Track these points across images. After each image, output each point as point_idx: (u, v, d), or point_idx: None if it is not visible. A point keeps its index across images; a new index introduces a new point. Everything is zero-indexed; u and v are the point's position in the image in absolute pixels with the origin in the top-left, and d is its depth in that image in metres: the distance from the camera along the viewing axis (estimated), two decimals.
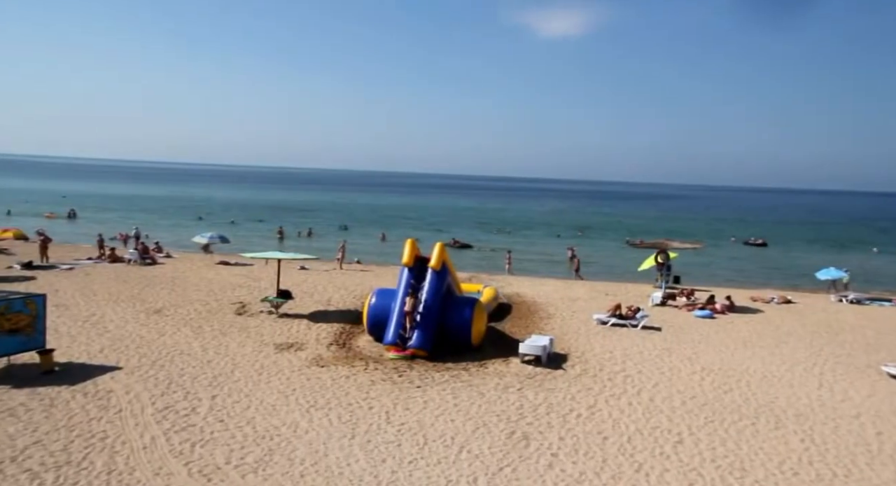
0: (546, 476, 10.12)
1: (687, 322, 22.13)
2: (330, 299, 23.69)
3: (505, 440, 11.45)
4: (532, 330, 19.69)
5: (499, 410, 12.89)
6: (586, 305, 24.52)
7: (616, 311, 21.37)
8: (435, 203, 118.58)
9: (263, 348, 16.76)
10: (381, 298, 18.02)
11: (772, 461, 10.98)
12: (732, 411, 13.36)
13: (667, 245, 30.93)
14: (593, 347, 18.16)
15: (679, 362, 16.96)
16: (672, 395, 14.22)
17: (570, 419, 12.53)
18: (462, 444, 11.20)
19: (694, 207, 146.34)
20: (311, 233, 54.01)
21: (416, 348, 16.35)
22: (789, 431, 12.36)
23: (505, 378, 14.98)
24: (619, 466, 10.58)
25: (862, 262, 45.62)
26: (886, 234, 78.56)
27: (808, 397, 14.46)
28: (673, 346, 18.64)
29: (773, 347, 19.01)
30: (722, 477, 10.30)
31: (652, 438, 11.78)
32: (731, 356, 17.70)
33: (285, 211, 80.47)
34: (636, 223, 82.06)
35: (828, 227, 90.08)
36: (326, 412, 12.42)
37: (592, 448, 11.21)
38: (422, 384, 14.30)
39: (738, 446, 11.55)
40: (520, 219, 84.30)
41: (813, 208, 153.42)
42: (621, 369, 16.03)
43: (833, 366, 17.06)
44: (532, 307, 23.82)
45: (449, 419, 12.33)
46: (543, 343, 16.49)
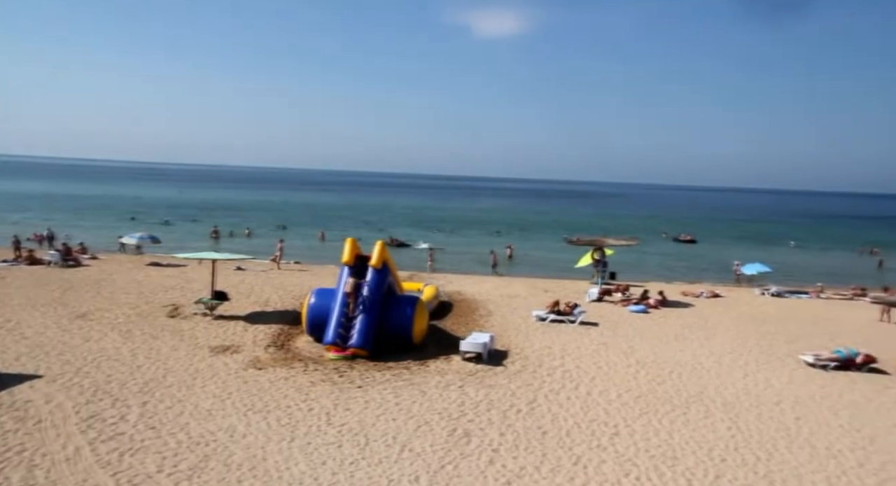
0: (487, 472, 10.21)
1: (622, 317, 22.80)
2: (267, 300, 23.17)
3: (446, 437, 11.48)
4: (473, 328, 19.82)
5: (440, 408, 12.91)
6: (525, 302, 24.89)
7: (554, 307, 21.77)
8: (374, 202, 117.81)
9: (198, 351, 16.21)
10: (320, 298, 17.74)
11: (701, 448, 11.44)
12: (665, 402, 13.84)
13: (603, 242, 31.68)
14: (533, 343, 18.44)
15: (615, 356, 17.44)
16: (609, 388, 14.61)
17: (510, 415, 12.68)
18: (404, 443, 11.16)
19: (629, 205, 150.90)
20: (250, 233, 52.69)
21: (356, 348, 16.18)
22: (717, 419, 12.91)
23: (446, 376, 15.02)
24: (559, 459, 10.78)
25: (782, 256, 48.14)
26: (804, 229, 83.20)
27: (735, 386, 15.14)
28: (609, 340, 19.15)
29: (702, 339, 19.82)
30: (655, 466, 10.65)
31: (589, 431, 12.06)
32: (663, 349, 18.33)
33: (221, 210, 78.23)
34: (574, 221, 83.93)
35: (753, 224, 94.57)
36: (265, 415, 12.13)
37: (532, 443, 11.38)
38: (363, 384, 14.17)
39: (671, 435, 11.98)
40: (458, 217, 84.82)
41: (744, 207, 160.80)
42: (560, 365, 16.34)
43: (757, 356, 17.93)
44: (473, 305, 23.99)
45: (390, 418, 12.26)
46: (484, 340, 16.62)
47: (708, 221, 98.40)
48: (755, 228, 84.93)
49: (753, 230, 78.80)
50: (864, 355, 17.02)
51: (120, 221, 57.55)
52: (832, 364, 16.80)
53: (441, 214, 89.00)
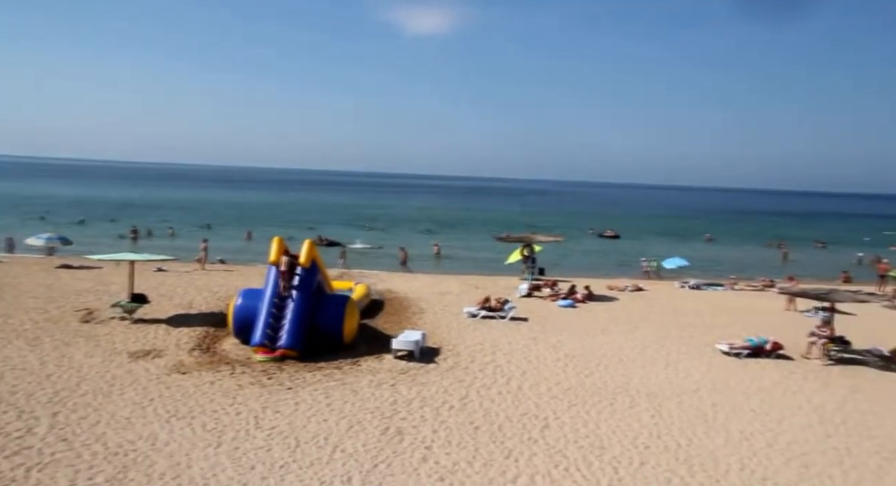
0: (420, 470, 10.21)
1: (551, 312, 23.31)
2: (191, 302, 22.31)
3: (379, 436, 11.41)
4: (405, 325, 19.77)
5: (372, 407, 12.81)
6: (457, 299, 25.05)
7: (485, 304, 22.01)
8: (303, 200, 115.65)
9: (115, 357, 15.41)
10: (247, 298, 17.24)
11: (627, 437, 11.85)
12: (593, 393, 14.26)
13: (532, 239, 32.31)
14: (464, 339, 18.58)
15: (545, 350, 17.81)
16: (539, 382, 14.91)
17: (442, 412, 12.73)
18: (336, 444, 11.00)
19: (558, 202, 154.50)
20: (172, 232, 50.55)
21: (285, 349, 15.81)
22: (641, 408, 13.41)
23: (378, 375, 14.91)
24: (491, 454, 10.91)
25: (698, 250, 50.54)
26: (719, 225, 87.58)
27: (657, 376, 15.78)
28: (539, 335, 19.54)
29: (627, 332, 20.54)
30: (584, 456, 10.95)
31: (521, 424, 12.27)
32: (591, 342, 18.88)
33: (140, 209, 74.71)
34: (504, 218, 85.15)
35: (674, 220, 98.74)
36: (189, 421, 11.67)
37: (465, 439, 11.47)
38: (293, 386, 13.87)
39: (598, 426, 12.35)
40: (390, 215, 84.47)
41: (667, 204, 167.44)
42: (491, 360, 16.54)
43: (677, 347, 18.74)
44: (404, 303, 23.93)
45: (322, 419, 12.06)
46: (416, 338, 16.62)
47: (632, 217, 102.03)
48: (675, 223, 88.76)
49: (673, 226, 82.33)
50: (772, 343, 18.12)
51: (27, 221, 53.93)
52: (745, 352, 17.78)
53: (373, 212, 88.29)
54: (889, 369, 17.11)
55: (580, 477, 10.19)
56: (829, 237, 67.10)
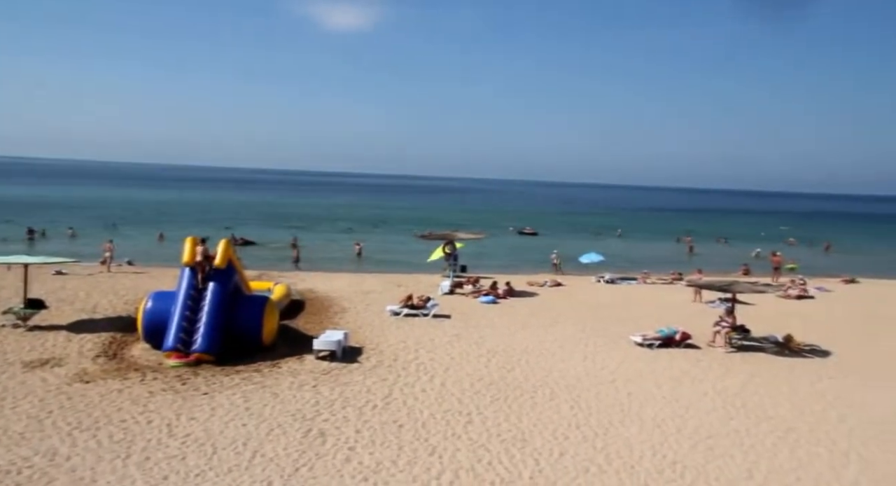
0: (344, 471, 10.07)
1: (473, 308, 23.58)
2: (96, 306, 21.03)
3: (301, 439, 11.16)
4: (326, 325, 19.45)
5: (294, 409, 12.52)
6: (379, 297, 24.89)
7: (408, 301, 21.99)
8: (218, 198, 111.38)
9: (7, 367, 14.30)
10: (158, 301, 16.43)
11: (547, 428, 12.16)
12: (515, 388, 14.53)
13: (453, 236, 32.55)
14: (387, 338, 18.49)
15: (467, 346, 17.99)
16: (462, 378, 15.04)
17: (366, 412, 12.61)
18: (255, 448, 10.67)
19: (479, 200, 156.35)
20: (73, 233, 47.35)
21: (201, 353, 15.19)
22: (561, 400, 13.80)
23: (299, 376, 14.60)
24: (415, 451, 10.91)
25: (612, 246, 52.50)
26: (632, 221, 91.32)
27: (576, 368, 16.28)
28: (462, 332, 19.72)
29: (547, 326, 21.07)
30: (506, 449, 11.15)
31: (444, 421, 12.34)
32: (512, 338, 19.24)
33: (38, 208, 69.60)
34: (426, 216, 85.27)
35: (590, 217, 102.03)
36: (94, 432, 10.99)
37: (389, 437, 11.41)
38: (209, 390, 13.34)
39: (520, 419, 12.60)
40: (310, 214, 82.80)
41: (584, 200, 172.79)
42: (414, 358, 16.54)
43: (595, 339, 19.41)
44: (326, 302, 23.55)
45: (240, 424, 11.67)
46: (338, 338, 16.39)
47: (550, 214, 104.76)
48: (590, 220, 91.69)
49: (588, 222, 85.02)
50: (681, 333, 19.11)
51: None
52: (656, 343, 18.65)
53: (292, 211, 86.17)
54: (783, 354, 18.42)
55: (503, 470, 10.36)
56: (730, 233, 71.41)
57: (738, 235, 69.25)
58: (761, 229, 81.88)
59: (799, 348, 18.78)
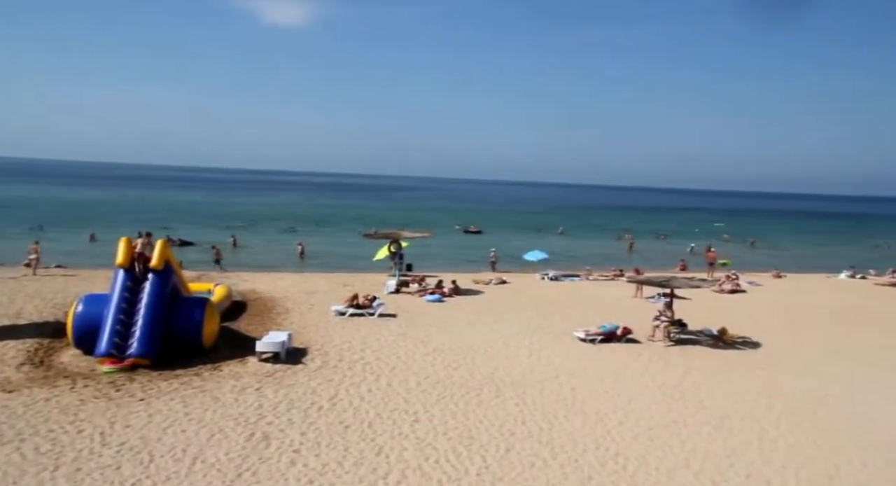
0: (288, 474, 9.89)
1: (419, 307, 23.56)
2: (20, 311, 19.95)
3: (244, 443, 10.89)
4: (269, 326, 19.06)
5: (236, 413, 12.21)
6: (324, 297, 24.57)
7: (353, 301, 21.79)
8: (153, 197, 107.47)
9: None
10: (89, 305, 15.72)
11: (493, 425, 12.27)
12: (461, 385, 14.60)
13: (399, 235, 32.41)
14: (333, 338, 18.26)
15: (413, 345, 17.96)
16: (408, 377, 15.00)
17: (311, 413, 12.42)
18: (195, 455, 10.34)
19: (424, 199, 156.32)
20: None
21: (136, 358, 14.62)
22: (507, 397, 13.94)
23: (242, 379, 14.24)
24: (361, 452, 10.81)
25: (554, 243, 53.45)
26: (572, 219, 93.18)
27: (521, 365, 16.49)
28: (408, 331, 19.67)
29: (492, 323, 21.26)
30: (453, 447, 11.18)
31: (391, 420, 12.27)
32: (458, 336, 19.32)
33: None
34: (371, 215, 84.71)
35: (533, 215, 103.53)
36: (17, 445, 10.40)
37: (335, 439, 11.27)
38: (145, 397, 12.86)
39: (466, 417, 12.66)
40: (250, 213, 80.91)
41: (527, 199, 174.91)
42: (360, 358, 16.40)
43: (539, 336, 19.70)
44: (269, 303, 23.07)
45: (179, 430, 11.29)
46: (282, 339, 16.08)
47: (494, 212, 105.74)
48: (533, 218, 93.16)
49: (531, 220, 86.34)
50: (622, 328, 19.61)
51: None
52: (599, 338, 19.09)
53: (232, 210, 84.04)
54: (718, 346, 19.17)
55: (450, 468, 10.39)
56: (668, 230, 73.87)
57: (676, 232, 71.70)
58: (696, 226, 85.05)
59: (732, 341, 19.59)
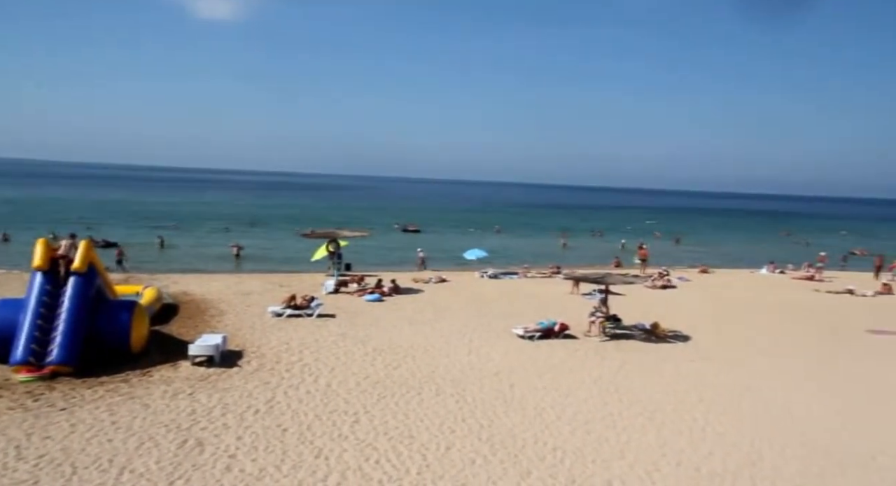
0: (224, 480, 9.57)
1: (359, 307, 23.33)
2: None
3: (175, 450, 10.47)
4: (203, 329, 18.45)
5: (167, 419, 11.74)
6: (260, 298, 23.99)
7: (291, 302, 21.37)
8: (77, 197, 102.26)
9: None
10: (2, 310, 14.77)
11: (434, 424, 12.26)
12: (401, 385, 14.53)
13: (337, 234, 32.00)
14: (269, 340, 17.85)
15: (353, 345, 17.76)
16: (348, 378, 14.82)
17: (247, 417, 12.08)
18: (123, 465, 9.87)
19: (362, 197, 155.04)
20: None
21: (57, 365, 13.83)
22: (447, 395, 13.97)
23: (174, 384, 13.71)
24: (300, 455, 10.59)
25: (491, 241, 54.09)
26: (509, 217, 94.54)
27: (461, 363, 16.56)
28: (347, 331, 19.44)
29: (432, 322, 21.27)
30: (394, 447, 11.11)
31: (330, 422, 12.09)
32: (398, 335, 19.23)
33: None
34: (307, 214, 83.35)
35: (470, 214, 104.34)
36: None
37: (272, 442, 11.00)
38: (67, 406, 12.19)
39: (407, 416, 12.61)
40: (183, 212, 78.17)
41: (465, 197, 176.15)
42: (298, 359, 16.09)
43: (479, 333, 19.85)
44: (202, 305, 22.32)
45: (105, 439, 10.75)
46: (216, 342, 15.59)
47: (432, 211, 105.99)
48: (471, 217, 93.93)
49: (470, 219, 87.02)
50: (560, 324, 20.01)
51: None
52: (537, 334, 19.41)
53: (161, 210, 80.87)
54: (650, 340, 19.83)
55: (390, 468, 10.32)
56: (603, 227, 75.93)
57: (611, 229, 73.76)
58: (629, 223, 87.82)
59: (664, 335, 20.30)
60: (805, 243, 65.65)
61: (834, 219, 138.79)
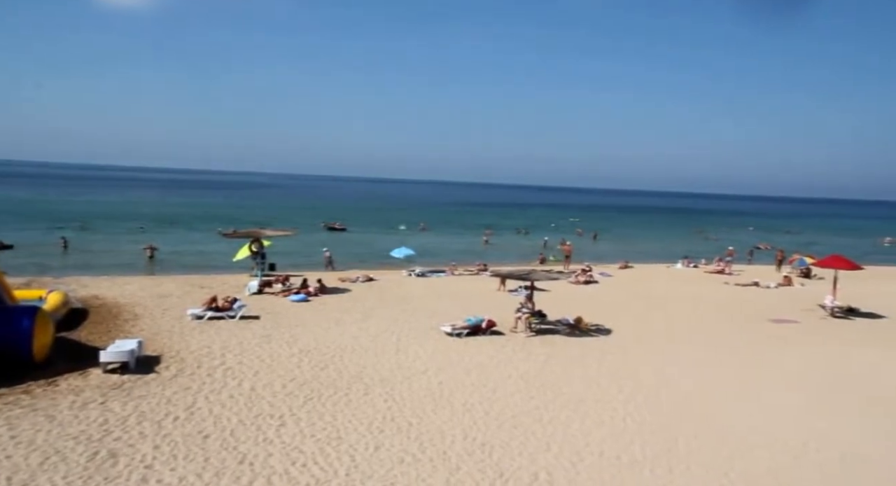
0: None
1: (284, 307, 22.79)
2: None
3: (85, 464, 9.89)
4: (116, 335, 17.53)
5: (76, 431, 11.06)
6: (179, 301, 23.03)
7: (212, 304, 20.64)
8: None
9: None
10: None
11: (363, 424, 12.15)
12: (328, 385, 14.30)
13: (260, 234, 31.14)
14: (189, 344, 17.16)
15: (278, 347, 17.34)
16: (273, 380, 14.45)
17: (166, 425, 11.56)
18: (24, 482, 9.24)
19: (285, 196, 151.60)
20: None
21: None
22: (376, 395, 13.87)
23: (83, 394, 12.94)
24: (223, 461, 10.24)
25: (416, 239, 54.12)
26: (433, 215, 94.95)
27: (389, 362, 16.48)
28: (272, 332, 18.95)
29: (360, 321, 21.05)
30: (321, 449, 10.92)
31: (255, 426, 11.75)
32: (325, 335, 18.92)
33: None
34: (228, 213, 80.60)
35: (395, 212, 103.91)
36: None
37: (193, 450, 10.58)
38: None
39: (335, 417, 12.43)
40: (91, 212, 73.86)
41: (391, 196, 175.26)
42: (221, 363, 15.55)
43: (407, 332, 19.82)
44: (115, 309, 21.19)
45: (4, 456, 10.01)
46: (130, 347, 14.84)
47: (357, 209, 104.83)
48: (397, 215, 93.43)
49: (395, 217, 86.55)
50: (487, 321, 20.26)
51: None
52: (465, 331, 19.57)
53: (66, 209, 76.00)
54: (574, 334, 20.40)
55: (318, 470, 10.14)
56: (528, 225, 77.45)
57: (536, 227, 75.35)
58: (552, 221, 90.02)
59: (587, 329, 20.94)
60: (715, 239, 69.33)
61: (741, 215, 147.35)
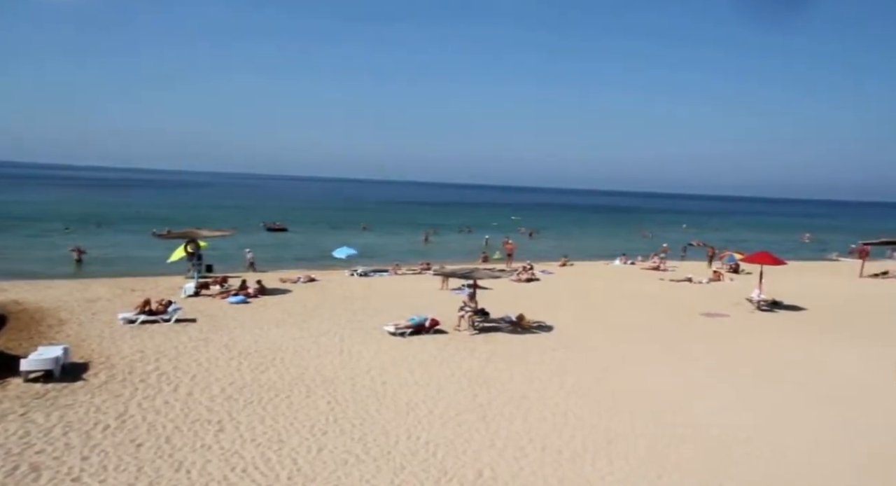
0: None
1: (222, 310, 22.16)
2: None
3: (3, 480, 9.33)
4: (39, 341, 16.63)
5: None
6: (109, 304, 22.05)
7: (145, 307, 19.85)
8: None
9: None
10: None
11: (305, 426, 11.95)
12: (269, 388, 13.99)
13: (196, 234, 30.15)
14: (121, 349, 16.45)
15: (216, 350, 16.84)
16: (211, 384, 14.03)
17: (95, 435, 11.05)
18: None
19: (221, 195, 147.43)
20: None
21: None
22: (318, 396, 13.66)
23: (2, 405, 12.21)
24: (158, 470, 9.87)
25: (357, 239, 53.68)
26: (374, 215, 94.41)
27: (332, 363, 16.26)
28: (210, 335, 18.39)
29: (301, 322, 20.69)
30: (262, 453, 10.68)
31: (192, 432, 11.38)
32: (265, 337, 18.50)
33: None
34: (161, 213, 77.64)
35: (335, 211, 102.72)
36: None
37: (125, 460, 10.15)
38: None
39: (276, 420, 12.17)
40: (12, 212, 69.80)
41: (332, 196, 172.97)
42: (155, 368, 14.97)
43: (350, 332, 19.61)
44: (37, 315, 20.09)
45: None
46: (55, 354, 14.10)
47: (298, 209, 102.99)
48: (337, 214, 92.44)
49: (336, 217, 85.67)
50: (430, 320, 20.27)
51: None
52: (408, 331, 19.52)
53: None
54: (516, 332, 20.66)
55: (259, 475, 9.90)
56: (471, 224, 77.97)
57: (479, 226, 75.90)
58: (495, 219, 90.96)
59: (529, 326, 21.24)
60: (650, 236, 71.61)
61: (675, 213, 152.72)
